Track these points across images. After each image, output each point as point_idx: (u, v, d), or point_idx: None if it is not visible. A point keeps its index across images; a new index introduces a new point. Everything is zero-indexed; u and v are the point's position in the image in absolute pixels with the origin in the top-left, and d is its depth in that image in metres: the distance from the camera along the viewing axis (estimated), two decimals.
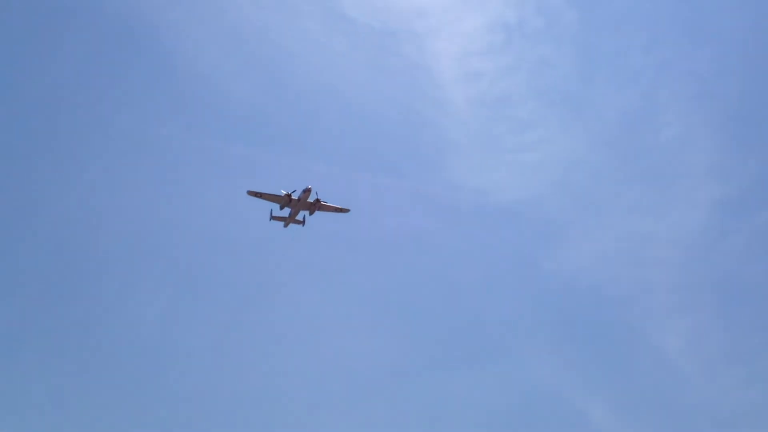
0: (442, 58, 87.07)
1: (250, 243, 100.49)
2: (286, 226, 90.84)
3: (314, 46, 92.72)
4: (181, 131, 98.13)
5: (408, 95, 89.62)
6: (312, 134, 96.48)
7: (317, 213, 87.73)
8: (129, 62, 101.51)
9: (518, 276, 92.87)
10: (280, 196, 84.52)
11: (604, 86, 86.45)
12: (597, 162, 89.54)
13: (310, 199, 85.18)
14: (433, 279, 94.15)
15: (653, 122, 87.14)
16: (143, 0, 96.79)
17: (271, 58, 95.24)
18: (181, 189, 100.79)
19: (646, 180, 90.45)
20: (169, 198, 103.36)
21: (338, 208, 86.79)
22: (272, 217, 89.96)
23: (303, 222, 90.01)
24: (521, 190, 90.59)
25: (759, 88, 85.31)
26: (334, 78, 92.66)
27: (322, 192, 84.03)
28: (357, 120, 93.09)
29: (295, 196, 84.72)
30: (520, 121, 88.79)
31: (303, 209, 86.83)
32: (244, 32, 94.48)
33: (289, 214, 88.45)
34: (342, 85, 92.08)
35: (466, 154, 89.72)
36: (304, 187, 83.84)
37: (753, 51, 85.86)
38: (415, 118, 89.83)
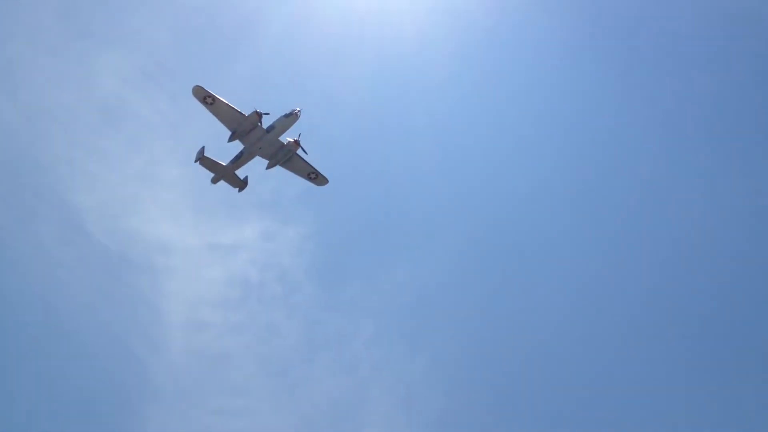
0: (174, 300, 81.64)
1: None
2: (215, 181, 56.27)
3: (42, 255, 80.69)
4: None
5: (126, 330, 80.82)
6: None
7: (278, 170, 55.58)
8: None
9: None
10: (242, 113, 52.12)
11: (323, 370, 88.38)
12: None
13: (283, 138, 53.63)
14: None
15: (356, 418, 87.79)
16: None
17: None
18: None
19: None
20: None
21: (315, 172, 55.86)
22: (200, 158, 55.29)
23: (244, 184, 56.45)
24: None
25: (465, 403, 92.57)
26: (50, 293, 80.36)
27: None
28: (67, 352, 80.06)
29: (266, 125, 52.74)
30: (233, 384, 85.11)
31: (264, 154, 54.28)
32: None
33: (237, 157, 54.86)
34: (58, 302, 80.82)
35: (168, 406, 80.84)
36: (288, 111, 52.78)
37: (462, 366, 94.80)
38: (123, 355, 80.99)
